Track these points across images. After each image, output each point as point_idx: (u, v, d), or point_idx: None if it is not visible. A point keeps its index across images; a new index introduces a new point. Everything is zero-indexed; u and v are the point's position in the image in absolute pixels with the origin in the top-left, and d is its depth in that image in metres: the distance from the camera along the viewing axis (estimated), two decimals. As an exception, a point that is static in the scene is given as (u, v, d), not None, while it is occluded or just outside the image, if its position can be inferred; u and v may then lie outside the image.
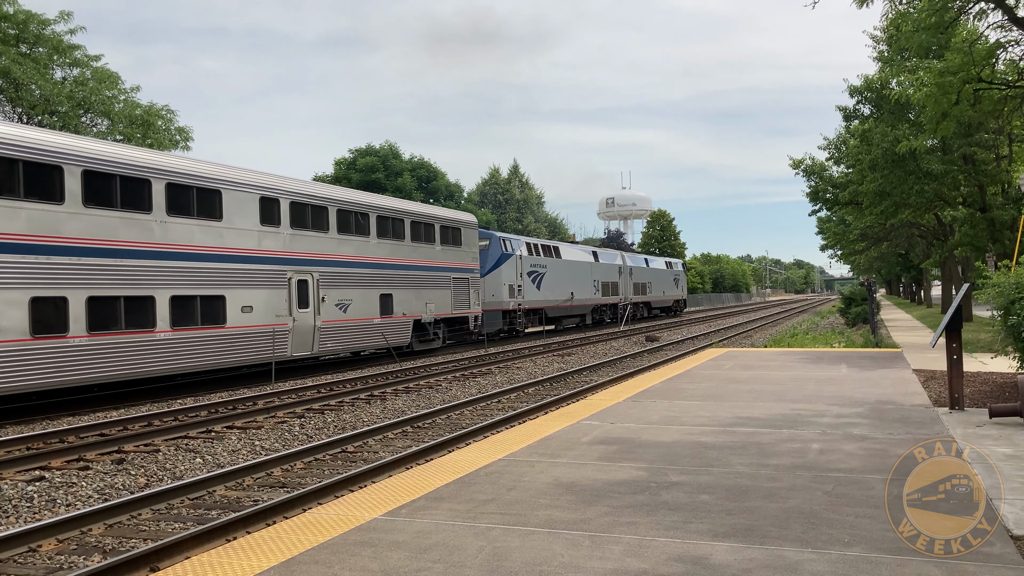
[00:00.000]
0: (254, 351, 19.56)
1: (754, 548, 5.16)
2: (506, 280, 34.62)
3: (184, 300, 17.77)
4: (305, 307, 21.27)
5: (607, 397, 12.66)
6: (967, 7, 16.33)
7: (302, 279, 21.24)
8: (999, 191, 28.96)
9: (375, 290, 24.25)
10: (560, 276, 40.24)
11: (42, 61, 28.88)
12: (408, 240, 26.20)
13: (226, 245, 18.96)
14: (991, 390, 12.49)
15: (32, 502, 8.83)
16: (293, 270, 20.95)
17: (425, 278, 27.07)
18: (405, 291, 25.79)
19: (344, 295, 22.77)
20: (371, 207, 24.60)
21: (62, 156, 15.36)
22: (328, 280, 22.19)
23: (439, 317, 27.84)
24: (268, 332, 19.89)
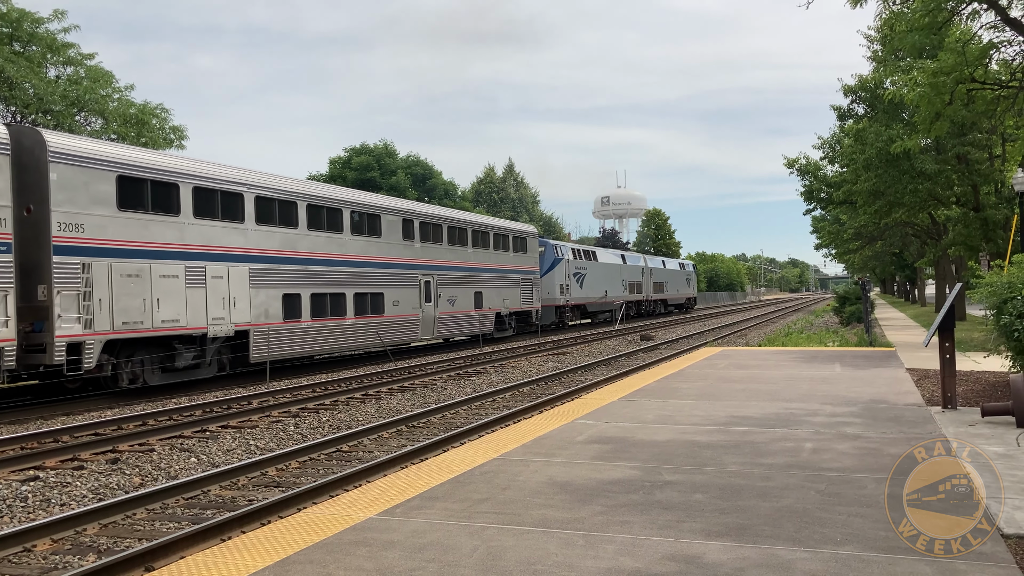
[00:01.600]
0: (401, 334, 26.07)
1: (747, 547, 5.19)
2: (558, 280, 40.89)
3: (361, 296, 23.94)
4: (429, 301, 27.67)
5: (602, 396, 12.68)
6: (960, 8, 16.38)
7: (427, 280, 27.60)
8: (992, 191, 29.10)
9: (471, 288, 30.60)
10: (597, 277, 46.70)
11: (36, 60, 28.78)
12: (491, 248, 32.65)
13: (384, 255, 25.43)
14: (984, 389, 12.55)
15: (27, 502, 8.83)
16: (422, 274, 27.35)
17: (503, 279, 33.42)
18: (490, 289, 32.11)
19: (452, 293, 29.18)
20: (468, 223, 31.36)
21: (296, 195, 21.73)
22: (442, 281, 28.54)
23: (511, 311, 34.27)
24: (409, 320, 26.47)
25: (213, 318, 18.51)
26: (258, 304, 19.85)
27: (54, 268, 15.32)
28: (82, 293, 15.68)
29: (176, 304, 17.57)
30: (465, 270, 30.27)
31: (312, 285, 21.79)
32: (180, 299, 17.66)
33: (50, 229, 15.33)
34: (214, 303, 18.53)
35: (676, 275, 65.82)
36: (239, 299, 19.21)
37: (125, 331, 16.45)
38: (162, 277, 17.27)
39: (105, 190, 16.38)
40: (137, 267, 16.81)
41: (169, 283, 17.40)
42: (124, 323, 16.42)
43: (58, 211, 15.45)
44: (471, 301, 30.51)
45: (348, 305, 23.18)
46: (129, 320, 16.53)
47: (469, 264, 30.66)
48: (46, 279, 15.26)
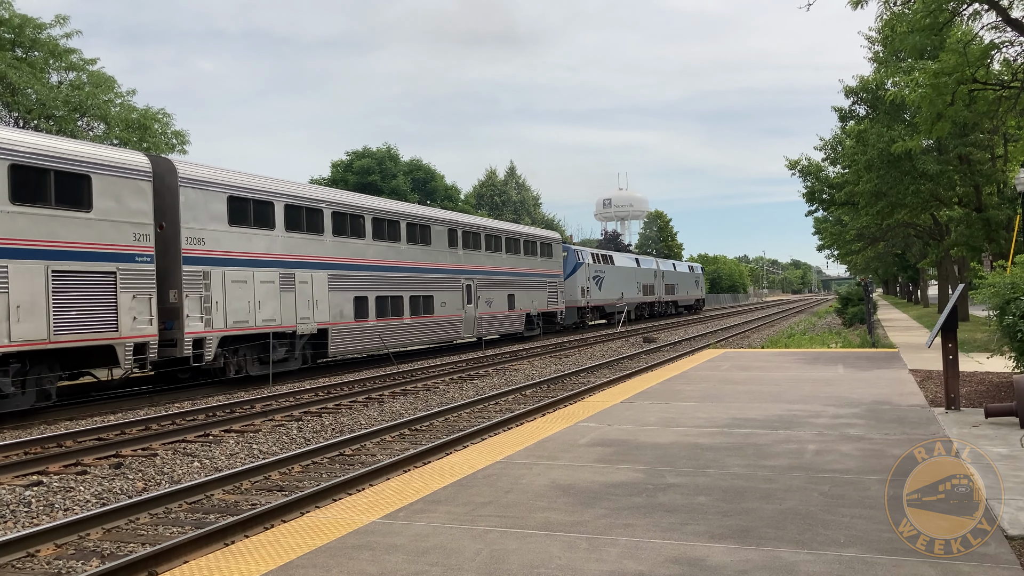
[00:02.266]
0: (447, 333, 28.92)
1: (750, 549, 5.18)
2: (579, 283, 43.85)
3: (415, 298, 26.85)
4: (470, 303, 30.40)
5: (604, 399, 12.68)
6: (961, 8, 16.38)
7: (468, 284, 30.31)
8: (995, 191, 29.06)
9: (505, 291, 33.45)
10: (614, 279, 49.65)
11: (38, 65, 28.84)
12: (522, 254, 35.70)
13: (433, 262, 28.10)
14: (987, 390, 12.53)
15: (30, 507, 8.83)
16: (464, 278, 30.07)
17: (532, 282, 36.34)
18: (521, 292, 35.00)
19: (489, 295, 31.98)
20: (503, 231, 34.51)
21: (364, 209, 24.81)
22: (481, 285, 31.35)
23: (539, 311, 37.05)
24: (454, 320, 29.20)
25: (301, 318, 21.36)
26: (335, 305, 22.74)
27: (183, 276, 17.97)
28: (203, 297, 18.38)
29: (272, 306, 20.40)
30: (500, 274, 33.18)
31: (377, 289, 24.79)
32: (276, 301, 20.51)
33: (180, 243, 18.00)
34: (301, 305, 21.39)
35: (686, 277, 68.85)
36: (320, 301, 22.15)
37: (235, 329, 19.18)
38: (262, 282, 20.09)
39: (219, 209, 19.08)
40: (243, 274, 19.52)
41: (267, 288, 20.26)
42: (234, 322, 19.17)
43: (186, 227, 18.14)
44: (505, 303, 33.47)
45: (405, 306, 26.32)
46: (238, 319, 19.28)
47: (503, 269, 33.56)
48: (176, 285, 17.94)
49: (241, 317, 19.25)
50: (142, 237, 16.82)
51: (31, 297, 14.47)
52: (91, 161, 15.99)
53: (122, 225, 16.41)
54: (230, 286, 18.92)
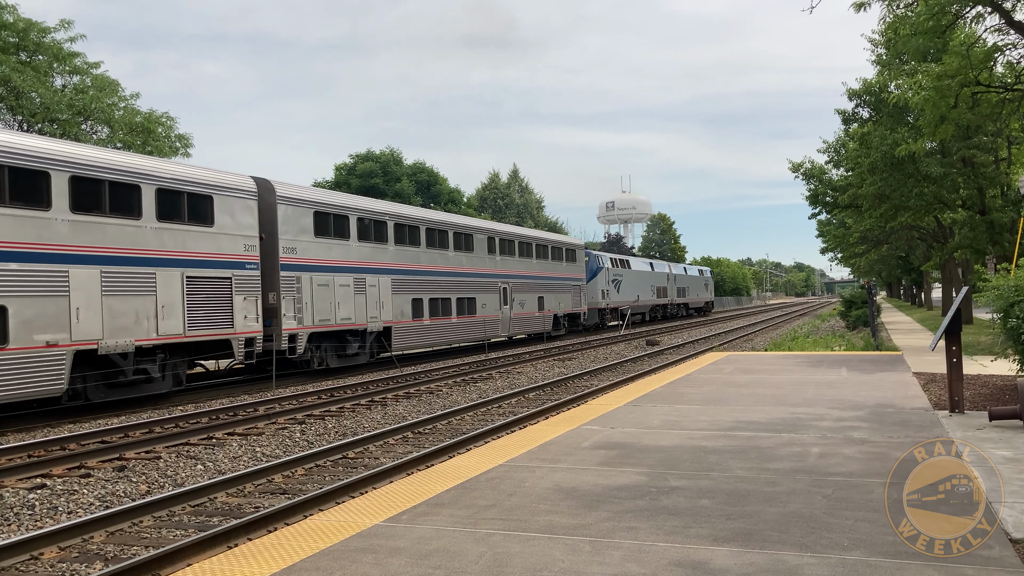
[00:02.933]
0: (487, 331, 31.61)
1: (754, 552, 5.18)
2: (600, 287, 46.58)
3: (461, 300, 29.59)
4: (506, 304, 33.31)
5: (608, 401, 12.67)
6: (964, 11, 16.36)
7: (504, 287, 33.27)
8: (998, 194, 28.98)
9: (535, 294, 36.26)
10: (631, 283, 52.43)
11: (42, 69, 28.93)
12: (550, 260, 38.43)
13: (475, 267, 30.99)
14: (991, 393, 12.50)
15: (34, 510, 8.85)
16: (500, 281, 33.02)
17: (558, 285, 39.13)
18: (549, 294, 37.85)
19: (522, 297, 34.88)
20: (533, 238, 37.47)
21: (419, 221, 27.56)
22: (514, 288, 34.21)
23: (565, 313, 39.77)
24: (493, 319, 32.08)
25: (370, 317, 24.22)
26: (396, 306, 25.61)
27: (280, 280, 20.81)
28: (295, 298, 21.21)
29: (348, 306, 23.24)
30: (531, 278, 36.07)
31: (430, 291, 27.56)
32: (351, 303, 23.35)
33: (277, 252, 20.81)
34: (370, 306, 24.28)
35: (696, 280, 71.69)
36: (385, 303, 25.03)
37: (320, 326, 22.03)
38: (340, 286, 22.96)
39: (307, 222, 21.92)
40: (326, 279, 22.40)
41: (344, 290, 23.12)
42: (319, 320, 21.97)
43: (282, 238, 21.03)
44: (535, 304, 36.28)
45: (453, 307, 29.11)
46: (322, 318, 22.10)
47: (534, 273, 36.44)
48: (275, 288, 20.70)
49: (324, 316, 22.22)
50: (250, 247, 19.75)
51: (171, 299, 17.38)
52: (213, 184, 18.82)
53: (236, 238, 19.35)
54: (316, 289, 21.91)
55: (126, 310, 16.32)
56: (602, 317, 47.25)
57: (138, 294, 16.59)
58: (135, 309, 16.51)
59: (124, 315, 16.26)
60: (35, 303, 14.64)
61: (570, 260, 40.89)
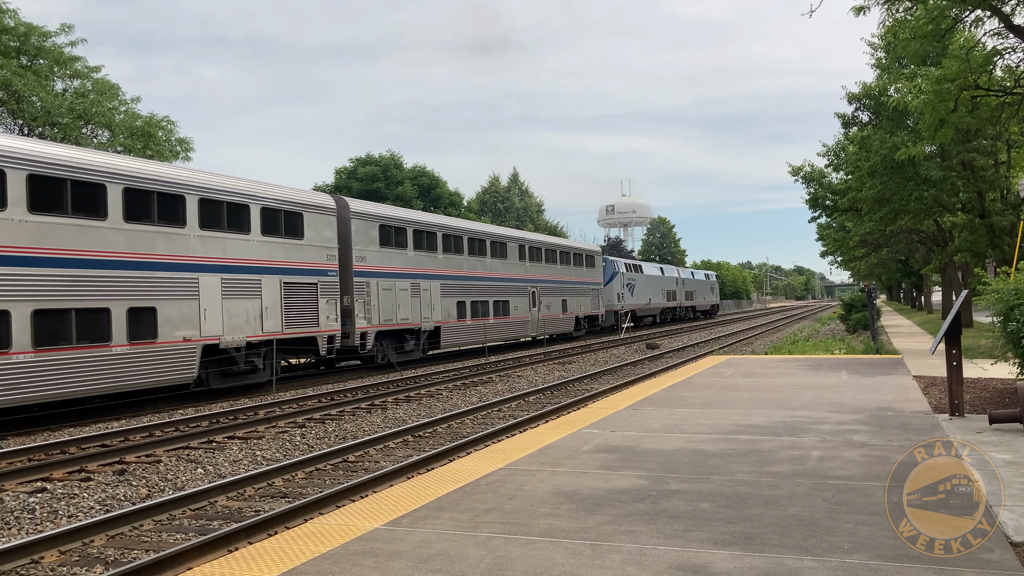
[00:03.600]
0: (519, 331, 34.79)
1: (754, 556, 5.18)
2: (615, 290, 49.54)
3: (496, 302, 32.65)
4: (535, 307, 36.41)
5: (608, 405, 12.67)
6: (963, 15, 16.38)
7: (533, 291, 36.32)
8: (998, 197, 28.99)
9: (560, 297, 39.26)
10: (643, 286, 55.40)
11: (43, 73, 28.97)
12: (572, 265, 41.34)
13: (509, 273, 34.16)
14: (991, 396, 12.50)
15: (34, 513, 8.85)
16: (530, 286, 36.10)
17: (580, 289, 42.12)
18: (572, 298, 40.80)
19: (548, 300, 37.90)
20: (558, 246, 40.62)
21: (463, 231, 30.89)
22: (542, 292, 37.25)
23: (585, 315, 42.65)
24: (523, 321, 35.19)
25: (423, 317, 27.24)
26: (444, 308, 28.54)
27: (354, 285, 23.70)
28: (365, 301, 24.13)
29: (406, 308, 26.21)
30: (556, 283, 39.09)
31: (471, 295, 30.50)
32: (408, 305, 26.33)
33: (351, 260, 23.71)
34: (424, 307, 27.24)
35: (703, 284, 74.44)
36: (435, 305, 27.95)
37: (384, 325, 25.04)
38: (400, 290, 25.93)
39: (374, 234, 24.97)
40: (388, 284, 25.38)
41: (403, 294, 26.08)
42: (384, 320, 25.01)
43: (355, 249, 23.83)
44: (560, 307, 39.26)
45: (491, 309, 32.11)
46: (386, 318, 25.12)
47: (558, 278, 39.42)
48: (349, 292, 23.55)
49: (388, 316, 25.24)
50: (331, 257, 22.58)
51: (273, 302, 20.27)
52: (303, 202, 21.81)
53: (320, 249, 22.19)
54: (381, 293, 24.91)
55: (239, 311, 19.31)
56: (618, 319, 49.84)
57: (248, 298, 19.59)
58: (246, 310, 19.50)
59: (238, 315, 19.25)
60: (175, 305, 17.54)
61: (589, 265, 44.03)
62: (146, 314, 16.80)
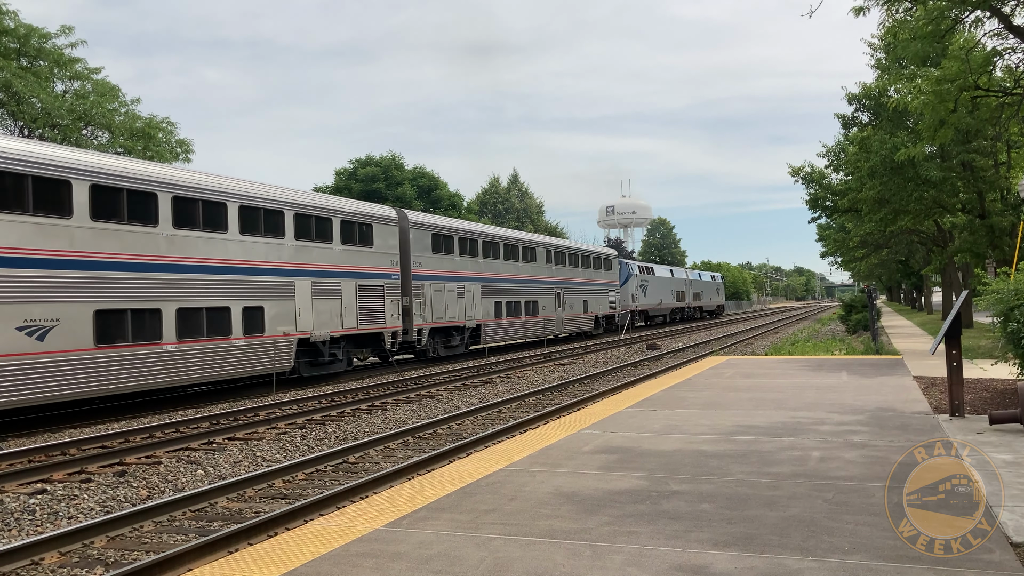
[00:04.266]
0: (546, 329, 37.78)
1: (755, 557, 5.18)
2: (630, 291, 52.38)
3: (527, 303, 35.60)
4: (560, 307, 39.34)
5: (608, 406, 12.67)
6: (963, 16, 16.39)
7: (558, 292, 39.30)
8: (998, 197, 29.00)
9: (581, 297, 42.27)
10: (655, 287, 58.47)
11: (43, 74, 28.98)
12: (591, 268, 44.39)
13: (538, 275, 37.22)
14: (991, 397, 12.50)
15: (34, 515, 8.85)
16: (555, 287, 39.05)
17: (599, 290, 45.29)
18: (591, 298, 43.86)
19: (571, 301, 40.83)
20: (579, 250, 43.67)
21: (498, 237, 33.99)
22: (566, 292, 40.25)
23: (603, 314, 45.56)
24: (550, 319, 38.12)
25: (467, 316, 30.21)
26: (484, 308, 31.56)
27: (412, 287, 26.62)
28: (421, 301, 27.03)
29: (453, 307, 29.20)
30: (578, 284, 42.09)
31: (506, 296, 33.55)
32: (455, 304, 29.31)
33: (410, 266, 26.64)
34: (468, 307, 30.23)
35: (709, 285, 77.73)
36: (476, 305, 30.89)
37: (436, 323, 28.07)
38: (448, 291, 28.83)
39: (427, 242, 27.85)
40: (440, 286, 28.31)
41: (451, 295, 29.00)
42: (435, 318, 27.95)
43: (413, 255, 26.75)
44: (581, 307, 42.21)
45: (522, 309, 35.08)
46: (437, 316, 28.07)
47: (580, 280, 42.46)
48: (408, 293, 26.48)
49: (439, 315, 28.19)
50: (393, 263, 25.62)
51: (349, 302, 23.15)
52: (373, 215, 24.96)
53: (385, 255, 25.19)
54: (433, 294, 27.80)
55: (325, 310, 22.13)
56: (633, 318, 52.57)
57: (331, 298, 22.38)
58: (329, 309, 22.31)
59: (324, 313, 22.05)
60: (277, 304, 20.46)
61: (607, 268, 47.21)
62: (256, 312, 19.75)
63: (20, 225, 14.54)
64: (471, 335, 30.67)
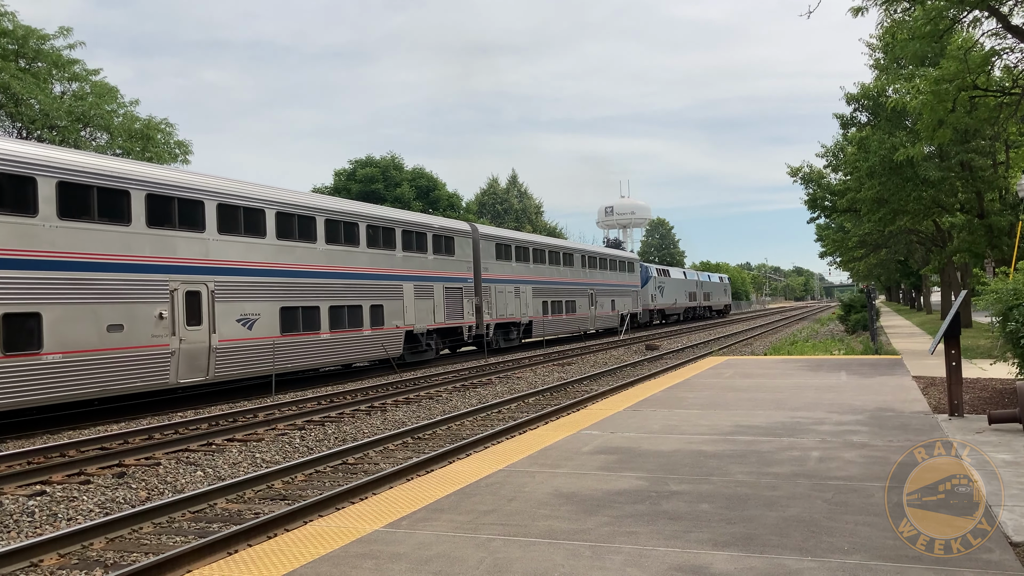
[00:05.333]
0: (581, 326, 42.54)
1: (754, 557, 5.18)
2: (650, 292, 57.47)
3: (567, 302, 40.42)
4: (592, 306, 44.25)
5: (607, 406, 12.67)
6: (961, 15, 16.39)
7: (591, 292, 44.20)
8: (997, 197, 29.03)
9: (609, 297, 47.33)
10: (670, 288, 63.35)
11: (41, 76, 28.98)
12: (617, 271, 49.38)
13: (575, 278, 42.16)
14: (991, 396, 12.50)
15: (33, 517, 8.84)
16: (589, 288, 43.86)
17: (624, 291, 50.27)
18: (618, 298, 48.78)
19: (601, 300, 45.81)
20: (608, 254, 48.57)
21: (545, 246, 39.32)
22: (597, 293, 45.28)
23: (628, 312, 50.09)
24: (585, 317, 42.94)
25: (522, 313, 35.36)
26: (534, 306, 36.62)
27: (482, 289, 31.50)
28: (489, 301, 31.99)
29: (512, 306, 34.35)
30: (607, 286, 47.14)
31: (551, 296, 38.63)
32: (513, 303, 34.43)
33: (480, 271, 31.47)
34: (523, 306, 35.42)
35: (717, 286, 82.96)
36: (529, 304, 36.02)
37: (499, 319, 33.08)
38: (508, 292, 33.90)
39: (492, 251, 32.85)
40: (501, 288, 33.36)
41: (510, 295, 34.24)
42: (499, 315, 32.99)
43: (482, 262, 31.73)
44: (610, 306, 47.20)
45: (563, 307, 39.90)
46: (500, 314, 33.13)
47: (609, 282, 47.49)
48: (479, 294, 31.30)
49: (501, 312, 33.23)
50: (468, 268, 30.47)
51: (439, 301, 28.23)
52: (455, 229, 30.08)
53: (463, 262, 30.14)
54: (497, 295, 32.81)
55: (423, 308, 27.18)
56: (651, 317, 57.83)
57: (427, 298, 27.45)
58: (426, 307, 27.35)
59: (422, 311, 27.12)
60: (391, 303, 25.46)
61: (630, 271, 52.32)
62: (379, 309, 24.65)
63: (240, 244, 19.67)
64: (524, 330, 35.94)
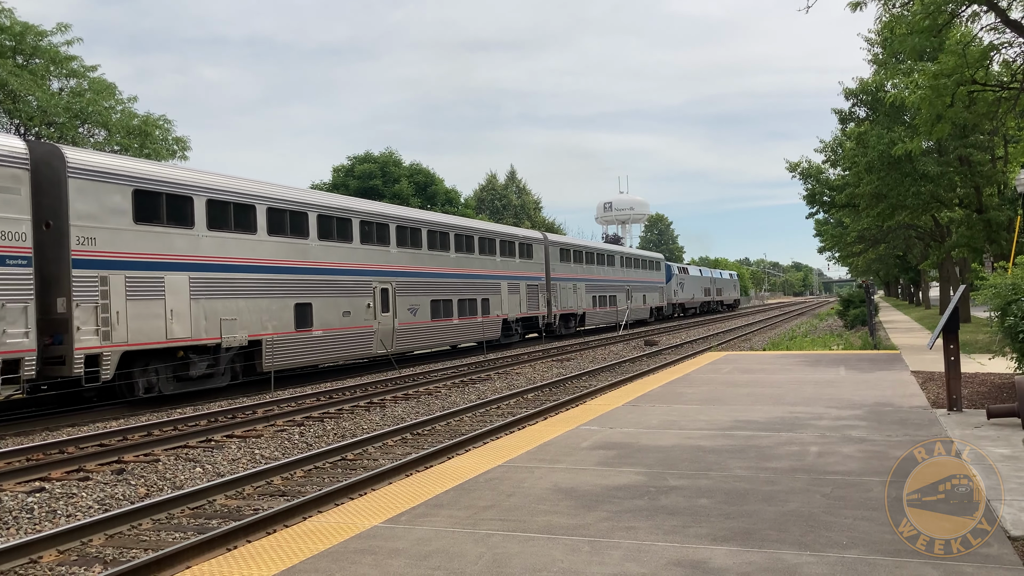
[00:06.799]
0: (618, 319, 47.22)
1: (753, 551, 5.18)
2: (672, 288, 63.59)
3: (610, 296, 46.76)
4: (628, 300, 50.00)
5: (606, 402, 12.68)
6: (960, 10, 16.38)
7: (627, 289, 50.23)
8: (995, 192, 29.05)
9: (641, 293, 53.41)
10: (689, 284, 69.91)
11: (39, 72, 28.89)
12: (646, 269, 55.73)
13: (617, 277, 48.77)
14: (989, 391, 12.52)
15: (32, 513, 8.84)
16: (625, 285, 50.04)
17: (651, 287, 56.38)
18: (647, 293, 55.04)
19: (635, 295, 51.92)
20: (639, 256, 55.21)
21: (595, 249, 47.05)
22: (632, 289, 51.37)
23: (655, 307, 57.18)
24: (622, 311, 48.07)
25: (579, 306, 41.19)
26: (586, 300, 42.69)
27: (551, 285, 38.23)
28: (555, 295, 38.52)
29: (571, 300, 40.39)
30: (639, 283, 53.30)
31: (599, 292, 44.90)
32: (572, 298, 40.40)
33: (549, 271, 38.31)
34: (579, 300, 41.51)
35: (728, 283, 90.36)
36: (583, 298, 42.04)
37: (563, 311, 39.42)
38: (568, 288, 40.02)
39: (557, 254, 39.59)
40: (564, 284, 39.43)
41: (569, 291, 39.90)
42: (563, 307, 39.23)
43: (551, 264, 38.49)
44: (641, 300, 53.36)
45: (607, 302, 46.14)
46: (563, 306, 39.23)
47: (640, 279, 53.75)
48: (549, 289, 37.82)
49: (564, 305, 39.53)
50: (541, 269, 37.27)
51: (523, 295, 35.04)
52: (532, 237, 37.53)
53: (538, 264, 37.14)
54: (561, 290, 39.20)
55: (512, 301, 34.01)
56: (673, 310, 63.99)
57: (515, 293, 34.31)
58: (514, 301, 34.11)
59: (512, 303, 33.97)
60: (495, 297, 32.43)
61: (656, 269, 58.56)
62: (486, 302, 31.68)
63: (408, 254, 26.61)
64: (579, 320, 41.69)
